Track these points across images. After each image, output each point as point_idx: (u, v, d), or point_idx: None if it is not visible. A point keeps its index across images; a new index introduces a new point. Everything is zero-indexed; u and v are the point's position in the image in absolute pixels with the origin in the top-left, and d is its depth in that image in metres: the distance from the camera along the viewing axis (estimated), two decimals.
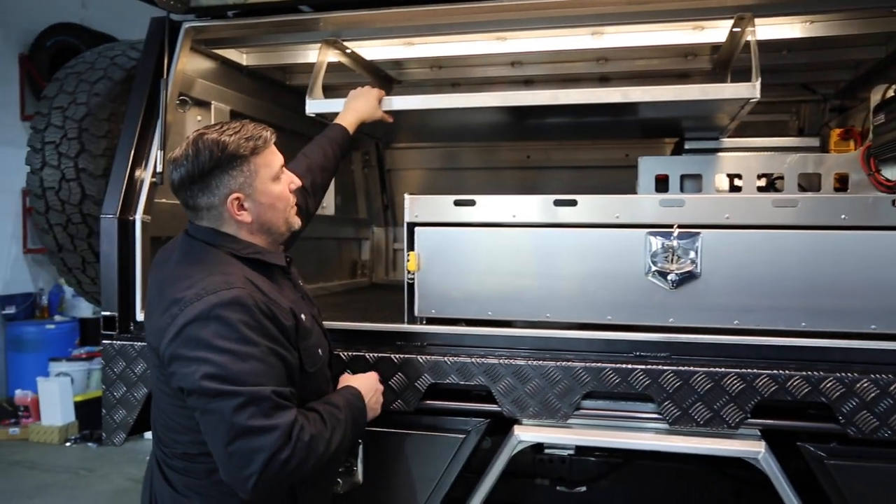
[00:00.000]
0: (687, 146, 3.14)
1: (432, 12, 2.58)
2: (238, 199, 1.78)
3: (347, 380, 2.06)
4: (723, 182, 3.05)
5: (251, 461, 1.59)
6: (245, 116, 3.26)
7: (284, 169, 1.90)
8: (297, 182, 1.93)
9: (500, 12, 2.57)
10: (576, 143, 4.20)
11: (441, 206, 2.38)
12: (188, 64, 2.82)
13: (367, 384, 2.04)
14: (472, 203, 2.36)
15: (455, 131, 3.85)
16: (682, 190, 3.04)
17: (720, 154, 3.04)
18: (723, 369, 2.06)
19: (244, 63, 3.28)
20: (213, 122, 2.99)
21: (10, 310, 7.48)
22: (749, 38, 2.46)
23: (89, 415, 6.81)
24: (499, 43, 2.98)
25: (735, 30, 2.59)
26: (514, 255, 2.32)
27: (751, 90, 2.30)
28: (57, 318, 7.71)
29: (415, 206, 2.39)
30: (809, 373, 2.03)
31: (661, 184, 3.06)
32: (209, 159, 1.73)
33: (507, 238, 2.33)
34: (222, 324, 1.63)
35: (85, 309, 7.72)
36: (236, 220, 1.80)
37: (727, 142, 3.09)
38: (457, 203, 2.37)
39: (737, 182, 3.02)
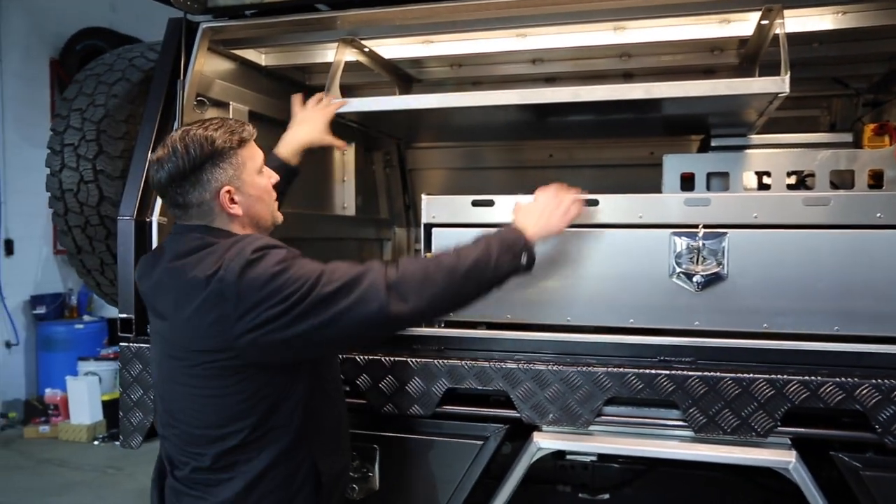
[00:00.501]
0: (713, 143, 3.05)
1: (451, 8, 2.52)
2: (229, 191, 1.79)
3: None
4: (751, 180, 2.96)
5: (369, 296, 1.66)
6: (264, 117, 3.24)
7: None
8: (276, 177, 1.95)
9: (520, 7, 2.51)
10: (599, 141, 4.11)
11: (459, 206, 2.34)
12: (206, 64, 2.80)
13: (533, 206, 2.04)
14: (490, 203, 2.31)
15: (477, 130, 3.80)
16: (708, 189, 2.95)
17: (748, 151, 2.95)
18: (751, 375, 1.98)
19: (263, 63, 3.25)
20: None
21: (41, 310, 7.59)
22: (778, 30, 2.38)
23: (117, 414, 6.87)
24: (519, 40, 2.92)
25: (763, 22, 2.51)
26: None
27: (779, 84, 2.22)
28: (86, 317, 7.82)
29: (432, 207, 2.34)
30: (843, 379, 1.94)
31: (687, 182, 2.99)
32: (200, 154, 1.74)
33: None
34: (270, 256, 1.68)
35: (113, 309, 7.75)
36: (228, 214, 1.80)
37: (755, 138, 3.00)
38: (475, 203, 2.32)
39: (766, 180, 2.94)
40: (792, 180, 2.95)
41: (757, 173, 2.94)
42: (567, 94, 2.42)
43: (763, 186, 2.94)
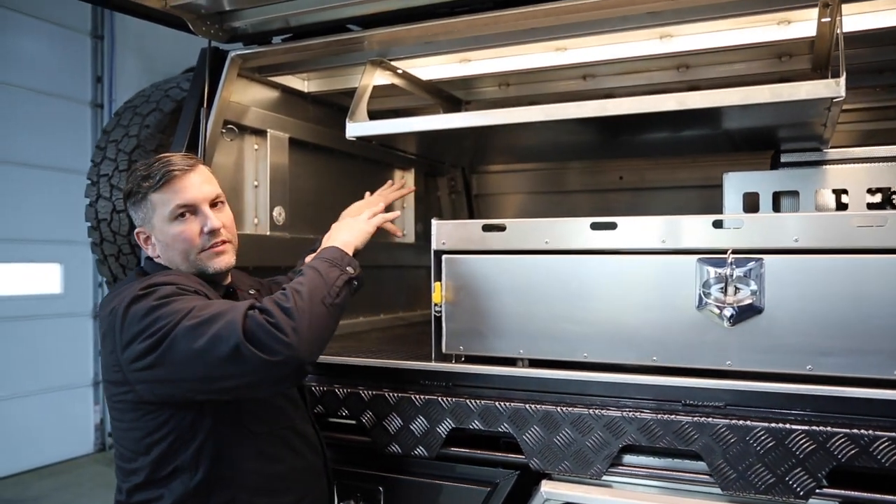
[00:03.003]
0: (783, 159, 2.74)
1: (468, 23, 2.38)
2: (141, 233, 1.82)
3: None
4: (827, 199, 2.63)
5: (229, 334, 1.52)
6: (306, 144, 3.22)
7: (205, 208, 1.80)
8: (215, 224, 1.80)
9: (540, 18, 2.33)
10: (671, 161, 3.85)
11: (469, 231, 2.17)
12: (240, 93, 2.80)
13: (336, 225, 2.07)
14: (502, 228, 2.14)
15: (540, 152, 3.64)
16: (776, 210, 2.65)
17: (822, 167, 2.62)
18: (787, 426, 1.69)
19: (306, 90, 3.24)
20: (268, 151, 3.01)
21: None
22: (837, 28, 2.08)
23: None
24: (557, 54, 2.75)
25: (824, 20, 2.22)
26: (548, 285, 2.05)
27: (833, 88, 1.92)
28: None
29: (442, 233, 2.19)
30: None
31: (752, 203, 2.70)
32: (123, 193, 1.83)
33: (541, 267, 2.07)
34: (158, 292, 1.62)
35: None
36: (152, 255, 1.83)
37: (832, 153, 2.66)
38: (485, 228, 2.15)
39: (843, 199, 2.60)
40: (876, 198, 2.59)
41: (834, 191, 2.61)
42: (593, 108, 2.22)
43: (841, 206, 2.60)
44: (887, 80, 3.05)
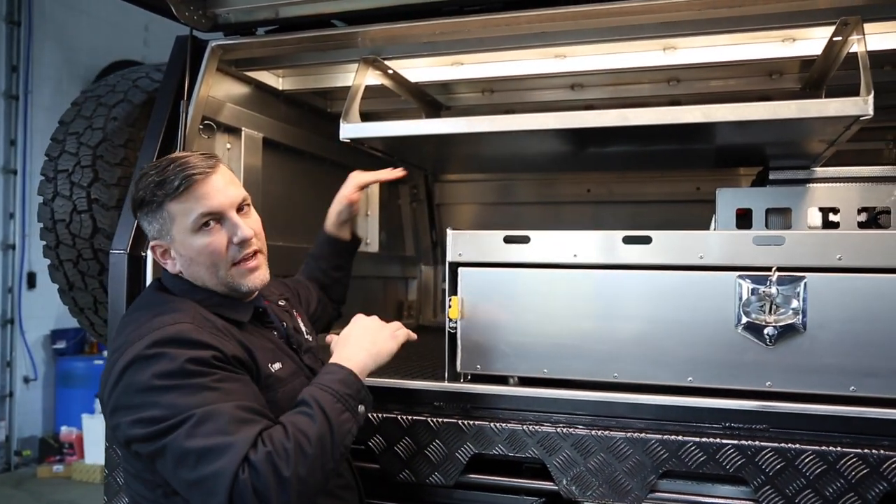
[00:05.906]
0: (772, 176, 2.74)
1: (481, 22, 2.26)
2: (158, 247, 1.59)
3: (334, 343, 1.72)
4: (815, 217, 2.65)
5: (215, 488, 1.32)
6: (280, 145, 3.02)
7: (232, 214, 1.59)
8: (246, 233, 1.59)
9: (557, 21, 2.24)
10: (641, 175, 3.84)
11: (489, 243, 2.05)
12: (216, 87, 2.58)
13: (353, 330, 1.71)
14: (525, 240, 2.02)
15: (510, 162, 3.54)
16: (767, 226, 2.65)
17: (813, 185, 2.64)
18: (839, 448, 1.64)
19: (280, 87, 3.03)
20: (242, 151, 2.79)
21: (61, 344, 7.44)
22: (854, 47, 2.08)
23: None
24: (556, 62, 2.66)
25: (836, 38, 2.21)
26: (576, 301, 1.95)
27: (861, 107, 1.91)
28: (105, 353, 7.61)
29: (459, 243, 2.06)
30: None
31: (743, 219, 2.68)
32: (131, 201, 1.60)
33: (567, 281, 1.97)
34: (165, 360, 1.40)
35: None
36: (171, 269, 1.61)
37: (820, 171, 2.68)
38: (507, 240, 2.03)
39: (832, 217, 2.62)
40: (862, 218, 2.63)
41: (822, 210, 2.63)
42: (613, 118, 2.14)
43: (829, 224, 2.63)
44: None
